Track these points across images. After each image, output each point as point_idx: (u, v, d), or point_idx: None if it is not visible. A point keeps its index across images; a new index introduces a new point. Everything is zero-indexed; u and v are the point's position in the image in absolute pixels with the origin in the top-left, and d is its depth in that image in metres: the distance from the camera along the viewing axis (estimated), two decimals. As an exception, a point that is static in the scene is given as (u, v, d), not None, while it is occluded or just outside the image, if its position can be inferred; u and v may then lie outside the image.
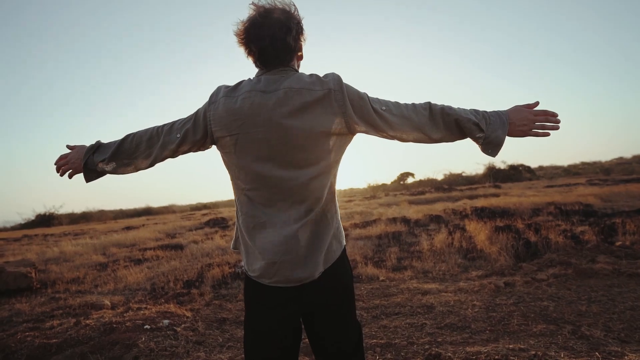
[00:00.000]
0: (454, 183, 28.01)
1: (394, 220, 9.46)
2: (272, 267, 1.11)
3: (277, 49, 1.13)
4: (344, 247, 1.22)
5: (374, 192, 31.95)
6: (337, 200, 1.20)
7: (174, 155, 1.25)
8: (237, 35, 1.15)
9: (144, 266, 6.62)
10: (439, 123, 1.18)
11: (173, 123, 1.24)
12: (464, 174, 33.10)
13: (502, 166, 30.24)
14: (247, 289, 1.21)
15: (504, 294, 3.56)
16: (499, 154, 1.21)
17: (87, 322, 3.55)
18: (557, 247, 4.97)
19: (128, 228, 17.08)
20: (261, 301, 1.16)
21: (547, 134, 1.20)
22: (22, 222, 32.17)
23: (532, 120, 1.19)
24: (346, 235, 8.29)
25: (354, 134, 1.18)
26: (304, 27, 1.18)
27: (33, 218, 31.73)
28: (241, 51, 1.18)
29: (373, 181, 39.13)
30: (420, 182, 34.63)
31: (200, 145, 1.23)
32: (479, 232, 6.08)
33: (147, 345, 2.79)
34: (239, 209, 1.19)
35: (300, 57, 1.25)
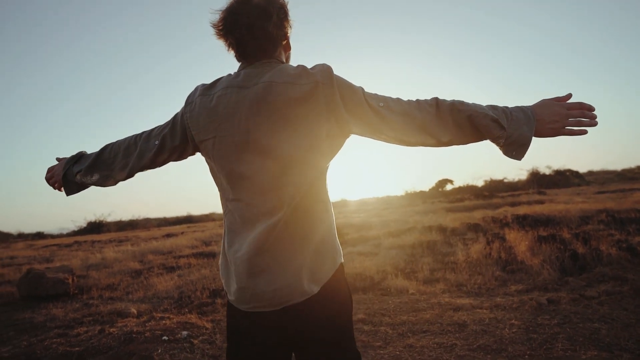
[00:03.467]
0: (495, 190, 26.74)
1: (429, 228, 9.07)
2: (245, 291, 0.97)
3: (257, 39, 0.99)
4: (340, 267, 1.05)
5: (411, 199, 31.16)
6: (330, 213, 1.04)
7: (152, 164, 1.14)
8: (213, 26, 1.02)
9: (175, 274, 6.72)
10: (448, 121, 0.97)
11: (151, 130, 1.15)
12: (505, 180, 31.62)
13: (547, 171, 28.59)
14: (227, 316, 1.08)
15: (547, 313, 3.21)
16: (525, 156, 0.99)
17: (111, 330, 3.59)
18: (609, 260, 4.48)
19: (168, 235, 17.69)
20: (241, 331, 1.02)
21: (584, 132, 0.97)
22: (75, 229, 34.37)
23: (565, 116, 0.97)
24: (378, 245, 8.03)
25: (346, 136, 1.02)
26: (288, 11, 1.04)
27: (84, 225, 33.78)
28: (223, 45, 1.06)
29: (410, 188, 38.25)
30: (460, 189, 33.39)
31: (181, 151, 1.13)
32: (520, 242, 5.64)
33: (163, 357, 2.74)
34: (224, 223, 1.07)
35: (287, 47, 1.10)
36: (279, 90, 0.95)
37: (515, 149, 0.98)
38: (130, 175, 1.16)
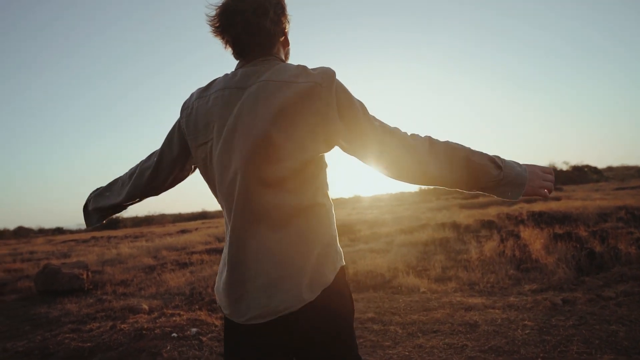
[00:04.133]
0: (511, 185, 26.19)
1: (442, 225, 8.96)
2: (241, 302, 0.93)
3: (252, 36, 0.96)
4: (341, 270, 1.00)
5: (425, 196, 30.83)
6: (331, 215, 1.00)
7: (153, 183, 1.11)
8: (209, 24, 0.99)
9: (188, 270, 6.80)
10: (440, 155, 0.94)
11: (153, 152, 1.15)
12: (521, 176, 30.88)
13: (565, 167, 27.88)
14: (224, 332, 1.03)
15: (562, 314, 3.12)
16: (520, 196, 0.98)
17: (122, 326, 3.64)
18: (628, 259, 4.33)
19: (183, 231, 17.93)
20: (240, 345, 0.98)
21: (548, 195, 1.03)
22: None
23: (545, 179, 1.01)
24: (390, 242, 7.96)
25: (330, 147, 0.96)
26: (286, 6, 1.00)
27: (103, 221, 34.47)
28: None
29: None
30: (473, 185, 32.83)
31: (181, 165, 1.10)
32: (535, 239, 5.52)
33: (171, 354, 2.77)
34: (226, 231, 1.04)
35: (286, 44, 1.06)
36: (276, 88, 0.91)
37: (511, 189, 0.97)
38: (130, 197, 1.14)
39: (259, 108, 0.91)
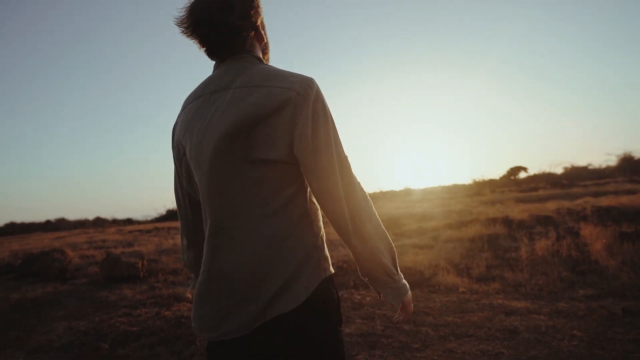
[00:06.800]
0: (577, 178, 24.08)
1: (493, 220, 8.45)
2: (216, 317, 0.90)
3: (221, 34, 0.91)
4: (324, 281, 0.91)
5: (479, 188, 29.31)
6: (314, 227, 0.93)
7: (198, 219, 1.03)
8: (177, 25, 0.95)
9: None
10: (373, 220, 0.92)
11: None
12: (590, 167, 28.25)
13: (646, 156, 24.92)
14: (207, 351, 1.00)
15: (621, 325, 2.80)
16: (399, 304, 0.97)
17: (166, 313, 3.88)
18: None
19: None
20: None
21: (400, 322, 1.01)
22: (157, 216, 37.89)
23: (410, 309, 1.00)
24: (435, 237, 7.67)
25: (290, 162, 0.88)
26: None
27: (164, 213, 37.07)
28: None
29: (479, 176, 36.00)
30: (534, 177, 30.64)
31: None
32: (597, 238, 5.00)
33: (204, 343, 2.88)
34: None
35: (260, 38, 1.00)
36: (248, 93, 0.87)
37: (396, 295, 0.95)
38: (192, 246, 1.08)
39: (230, 110, 0.88)
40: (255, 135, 0.86)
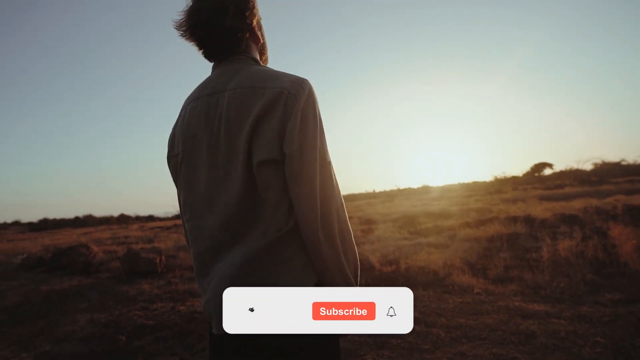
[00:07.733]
0: (607, 174, 23.01)
1: (513, 219, 8.16)
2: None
3: (216, 36, 0.93)
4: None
5: (500, 185, 28.51)
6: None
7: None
8: (176, 29, 0.96)
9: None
10: (342, 233, 0.89)
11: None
12: (623, 163, 26.92)
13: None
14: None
15: (648, 331, 2.61)
16: None
17: (181, 308, 3.92)
18: None
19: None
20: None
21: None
22: (177, 213, 38.62)
23: None
24: (452, 236, 7.47)
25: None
26: (252, 0, 0.94)
27: (183, 210, 37.71)
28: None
29: (500, 173, 35.06)
30: (560, 174, 29.54)
31: None
32: (627, 239, 4.72)
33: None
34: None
35: (256, 39, 1.00)
36: (244, 98, 0.86)
37: None
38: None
39: (232, 123, 0.87)
40: (252, 136, 0.85)
